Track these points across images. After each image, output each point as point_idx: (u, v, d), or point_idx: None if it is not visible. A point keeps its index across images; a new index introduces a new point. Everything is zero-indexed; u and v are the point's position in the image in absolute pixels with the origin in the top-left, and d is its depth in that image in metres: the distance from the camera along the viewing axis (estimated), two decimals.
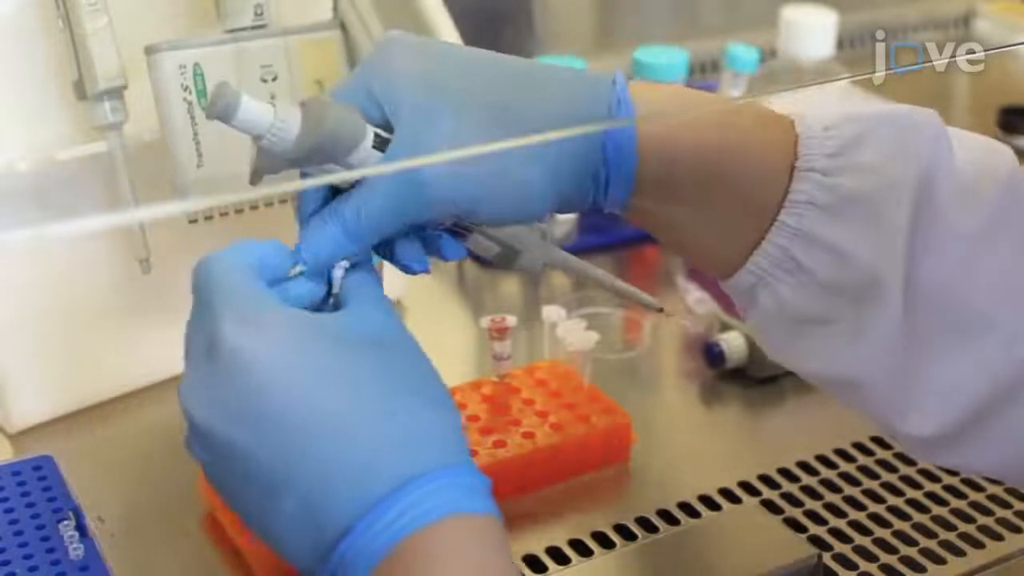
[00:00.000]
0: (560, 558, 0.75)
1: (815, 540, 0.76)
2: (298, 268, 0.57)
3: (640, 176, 0.57)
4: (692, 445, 0.88)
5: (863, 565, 0.75)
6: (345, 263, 0.58)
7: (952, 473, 0.83)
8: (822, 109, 0.61)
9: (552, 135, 0.55)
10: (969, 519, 0.79)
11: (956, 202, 0.57)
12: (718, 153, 0.58)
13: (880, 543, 0.76)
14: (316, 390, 0.51)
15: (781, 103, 0.62)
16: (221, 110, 0.54)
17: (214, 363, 0.52)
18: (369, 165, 0.56)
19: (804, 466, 0.83)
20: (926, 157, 0.57)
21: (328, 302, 0.58)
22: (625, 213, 0.60)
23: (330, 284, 0.58)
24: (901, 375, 0.58)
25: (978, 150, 0.60)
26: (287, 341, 0.52)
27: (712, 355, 0.93)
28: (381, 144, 0.56)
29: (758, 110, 0.60)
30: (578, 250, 1.11)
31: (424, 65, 0.57)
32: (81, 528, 0.73)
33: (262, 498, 0.51)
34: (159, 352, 0.90)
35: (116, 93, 0.78)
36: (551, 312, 0.88)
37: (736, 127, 0.59)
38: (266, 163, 0.56)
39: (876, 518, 0.79)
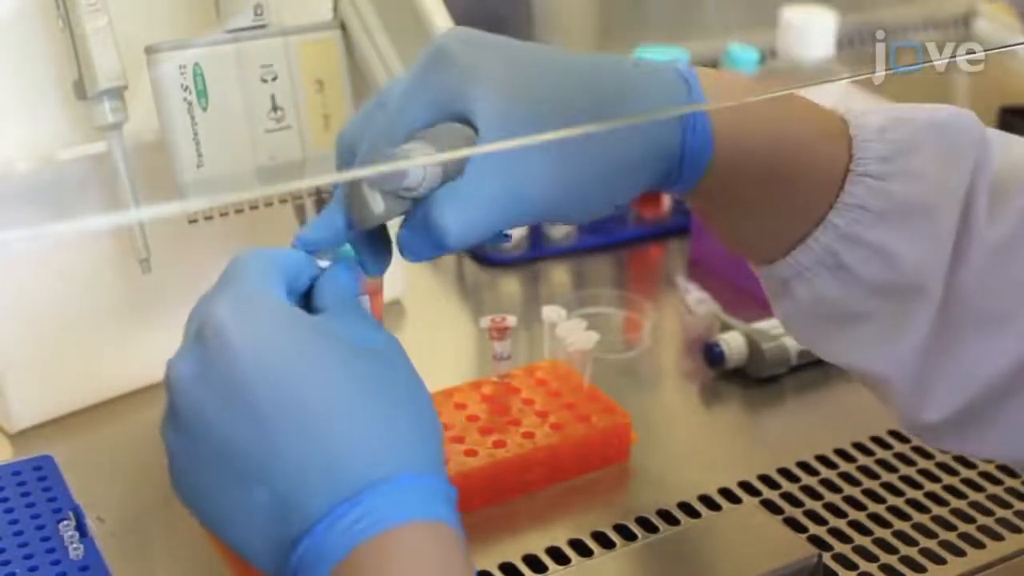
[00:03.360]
0: (560, 558, 0.75)
1: (815, 540, 0.76)
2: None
3: (707, 166, 0.58)
4: (692, 445, 0.88)
5: (863, 565, 0.75)
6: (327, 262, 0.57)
7: (952, 473, 0.83)
8: (866, 108, 0.62)
9: (632, 119, 0.55)
10: (969, 519, 0.79)
11: (987, 209, 0.58)
12: (780, 151, 0.58)
13: (880, 543, 0.76)
14: (299, 383, 0.51)
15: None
16: (391, 180, 0.53)
17: (203, 341, 0.52)
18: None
19: (804, 466, 0.83)
20: (972, 163, 0.58)
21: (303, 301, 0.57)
22: (682, 197, 0.60)
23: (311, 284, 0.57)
24: (923, 369, 0.59)
25: (1014, 144, 0.61)
26: (277, 332, 0.52)
27: (712, 355, 0.93)
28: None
29: (806, 103, 0.60)
30: (578, 250, 1.13)
31: (504, 66, 0.55)
32: (81, 528, 0.72)
33: (232, 488, 0.51)
34: (159, 352, 0.89)
35: (116, 93, 0.78)
36: (551, 312, 0.88)
37: (795, 121, 0.59)
38: (396, 207, 0.54)
39: (876, 518, 0.79)
